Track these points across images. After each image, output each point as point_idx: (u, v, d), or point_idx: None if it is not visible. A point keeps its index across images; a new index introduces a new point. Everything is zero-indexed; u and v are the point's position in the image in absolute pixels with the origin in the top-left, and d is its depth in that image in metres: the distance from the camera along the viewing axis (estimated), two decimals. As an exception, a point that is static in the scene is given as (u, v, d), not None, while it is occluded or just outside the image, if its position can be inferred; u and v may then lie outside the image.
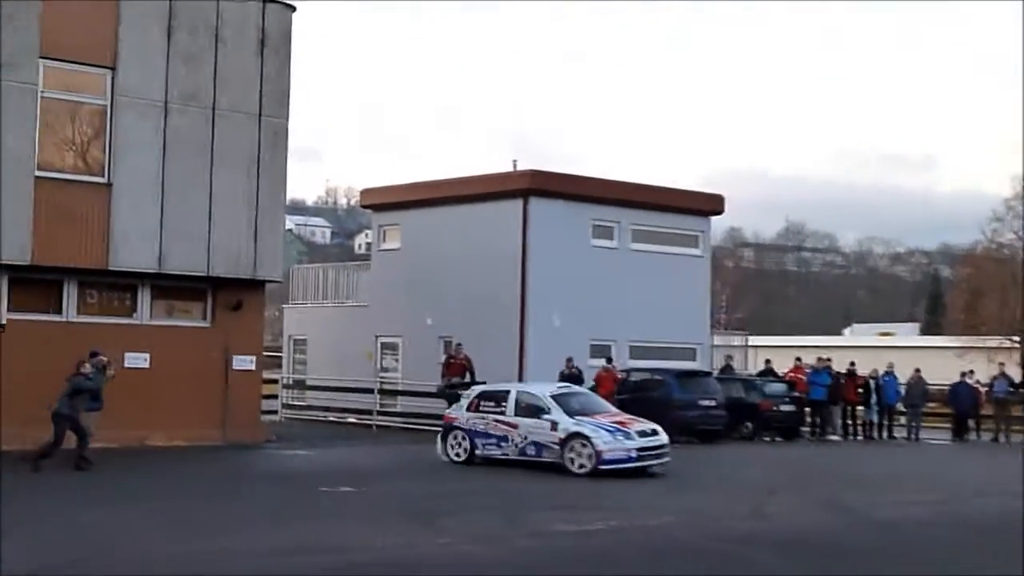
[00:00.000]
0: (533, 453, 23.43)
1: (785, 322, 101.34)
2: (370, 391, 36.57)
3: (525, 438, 23.50)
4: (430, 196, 38.21)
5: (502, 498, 19.13)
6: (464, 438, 24.30)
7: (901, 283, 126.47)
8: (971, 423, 37.58)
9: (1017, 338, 59.09)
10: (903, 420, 37.97)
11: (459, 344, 33.61)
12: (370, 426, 35.19)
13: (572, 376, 32.62)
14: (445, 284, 37.06)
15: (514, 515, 17.04)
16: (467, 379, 31.98)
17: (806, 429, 36.09)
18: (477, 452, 24.08)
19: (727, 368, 38.39)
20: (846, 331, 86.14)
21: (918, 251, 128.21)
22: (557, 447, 23.01)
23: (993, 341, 58.68)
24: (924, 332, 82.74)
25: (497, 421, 23.94)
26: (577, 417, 23.24)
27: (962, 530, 17.02)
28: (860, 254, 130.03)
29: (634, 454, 22.79)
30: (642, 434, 23.24)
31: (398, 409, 36.29)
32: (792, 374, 36.69)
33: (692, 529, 16.13)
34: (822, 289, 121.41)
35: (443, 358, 34.12)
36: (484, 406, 24.35)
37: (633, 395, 31.82)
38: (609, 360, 34.13)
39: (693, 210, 39.60)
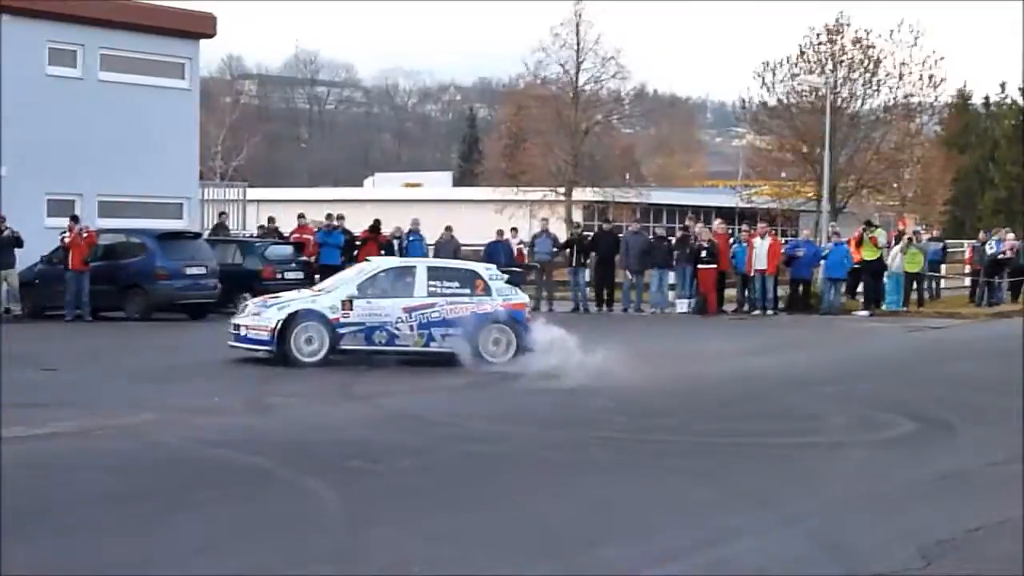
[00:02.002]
0: None
1: (295, 171, 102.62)
2: None
3: None
4: None
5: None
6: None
7: (432, 124, 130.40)
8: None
9: (563, 190, 62.14)
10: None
11: None
12: None
13: (9, 239, 32.06)
14: None
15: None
16: None
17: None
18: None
19: (220, 228, 38.56)
20: (368, 182, 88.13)
21: (452, 86, 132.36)
22: None
23: (536, 194, 61.63)
24: (458, 183, 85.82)
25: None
26: None
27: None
28: (383, 89, 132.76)
29: None
30: None
31: None
32: (297, 234, 37.33)
33: (180, 429, 15.75)
34: (340, 132, 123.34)
35: None
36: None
37: (105, 263, 31.63)
38: (75, 219, 33.49)
39: (177, 31, 39.28)
